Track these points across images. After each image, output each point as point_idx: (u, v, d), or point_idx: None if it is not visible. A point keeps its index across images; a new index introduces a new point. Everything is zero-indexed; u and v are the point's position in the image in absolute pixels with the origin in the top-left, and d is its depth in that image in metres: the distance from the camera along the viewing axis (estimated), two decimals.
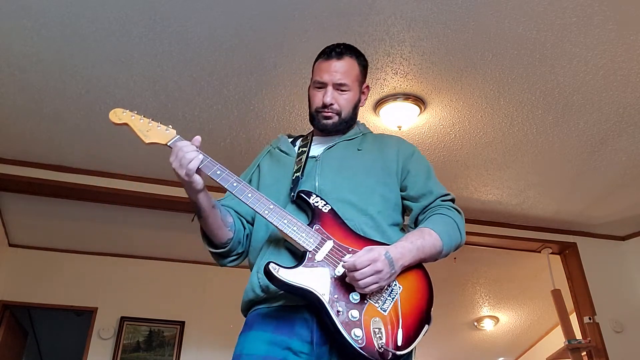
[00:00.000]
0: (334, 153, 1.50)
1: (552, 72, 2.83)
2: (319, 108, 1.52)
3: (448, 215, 1.44)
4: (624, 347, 4.08)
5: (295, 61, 2.76)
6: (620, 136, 3.32)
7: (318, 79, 1.53)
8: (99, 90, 2.94)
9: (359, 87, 1.58)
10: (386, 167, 1.49)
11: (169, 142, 1.41)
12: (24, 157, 3.53)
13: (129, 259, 4.94)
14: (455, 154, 3.50)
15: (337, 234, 1.29)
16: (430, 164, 1.59)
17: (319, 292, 1.19)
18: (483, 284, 5.42)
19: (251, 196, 1.30)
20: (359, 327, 1.17)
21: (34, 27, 2.53)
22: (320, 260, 1.24)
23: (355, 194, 1.40)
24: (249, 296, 1.34)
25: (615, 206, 4.17)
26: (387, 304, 1.22)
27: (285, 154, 1.54)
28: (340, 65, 1.54)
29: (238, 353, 1.26)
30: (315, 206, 1.34)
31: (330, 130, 1.53)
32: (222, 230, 1.39)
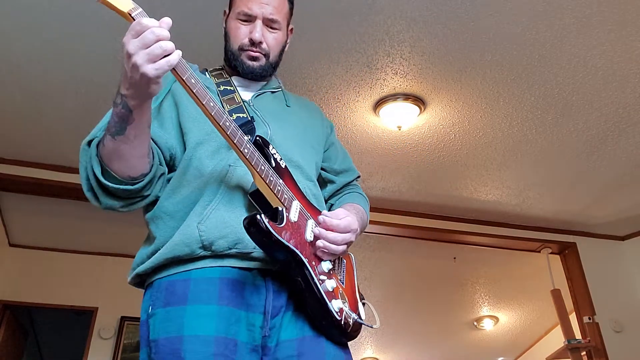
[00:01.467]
0: (265, 103, 1.29)
1: (551, 72, 2.83)
2: (245, 45, 1.26)
3: (364, 196, 1.41)
4: (624, 347, 4.09)
5: (295, 61, 2.77)
6: (620, 136, 3.33)
7: (245, 10, 1.26)
8: (99, 90, 2.94)
9: (287, 27, 1.37)
10: (316, 134, 1.36)
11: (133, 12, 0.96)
12: (24, 157, 3.53)
13: (129, 259, 4.89)
14: (455, 154, 3.51)
15: (297, 195, 1.12)
16: None
17: (304, 258, 1.01)
18: (483, 283, 5.42)
19: (229, 125, 1.01)
20: (337, 299, 1.07)
21: (34, 27, 2.54)
22: (295, 220, 1.05)
23: (300, 155, 1.24)
24: (175, 252, 1.04)
25: (615, 206, 4.18)
26: (342, 276, 1.15)
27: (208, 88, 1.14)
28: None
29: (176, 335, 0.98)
30: (275, 159, 1.11)
31: (256, 75, 1.28)
32: (142, 160, 1.04)
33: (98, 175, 1.04)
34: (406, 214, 4.13)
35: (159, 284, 1.07)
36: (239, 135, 1.02)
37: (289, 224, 1.03)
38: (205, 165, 1.12)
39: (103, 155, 1.03)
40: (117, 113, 0.99)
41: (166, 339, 0.99)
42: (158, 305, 1.04)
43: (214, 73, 1.32)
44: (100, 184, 1.05)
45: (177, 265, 1.06)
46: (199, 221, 1.05)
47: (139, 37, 0.89)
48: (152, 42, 0.89)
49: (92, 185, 1.07)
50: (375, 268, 4.89)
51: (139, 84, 0.92)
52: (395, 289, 5.32)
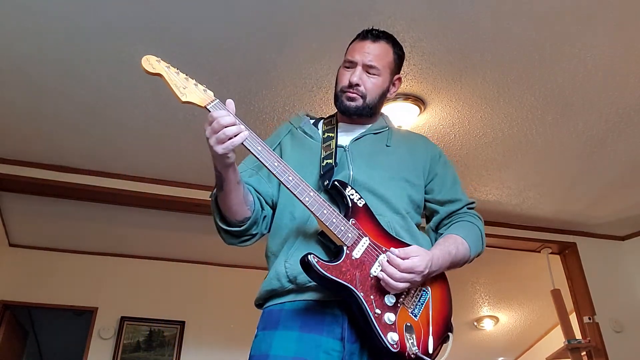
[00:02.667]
0: (362, 146, 1.44)
1: (551, 72, 2.83)
2: (345, 87, 1.44)
3: (475, 224, 1.43)
4: (624, 347, 4.09)
5: (295, 61, 2.77)
6: (620, 137, 3.33)
7: (349, 58, 1.47)
8: (99, 90, 2.94)
9: (389, 75, 1.49)
10: (415, 168, 1.45)
11: (209, 105, 1.22)
12: (24, 157, 3.53)
13: (129, 259, 4.94)
14: (455, 154, 3.51)
15: (371, 231, 1.24)
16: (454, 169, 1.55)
17: (358, 292, 1.15)
18: (483, 283, 5.43)
19: (292, 179, 1.21)
20: (395, 331, 1.15)
21: (34, 27, 2.53)
22: (358, 257, 1.19)
23: (388, 190, 1.35)
24: (272, 286, 1.27)
25: (614, 206, 4.18)
26: (418, 309, 1.22)
27: (310, 137, 1.46)
28: (374, 48, 1.46)
29: (265, 353, 1.19)
30: (351, 199, 1.27)
31: (351, 114, 1.44)
32: (241, 208, 1.30)
33: (218, 220, 1.33)
34: None
35: (264, 312, 1.30)
36: (301, 187, 1.21)
37: (348, 261, 1.17)
38: (296, 210, 1.33)
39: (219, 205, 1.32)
40: (215, 175, 1.27)
41: (258, 356, 1.21)
42: (260, 328, 1.27)
43: (326, 121, 1.53)
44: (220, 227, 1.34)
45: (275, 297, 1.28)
46: (286, 259, 1.26)
47: (210, 126, 1.17)
48: (218, 129, 1.16)
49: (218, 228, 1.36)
50: None
51: (216, 158, 1.21)
52: None
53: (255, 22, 2.53)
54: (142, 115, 3.14)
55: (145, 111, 3.11)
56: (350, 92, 1.43)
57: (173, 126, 3.23)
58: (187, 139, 3.35)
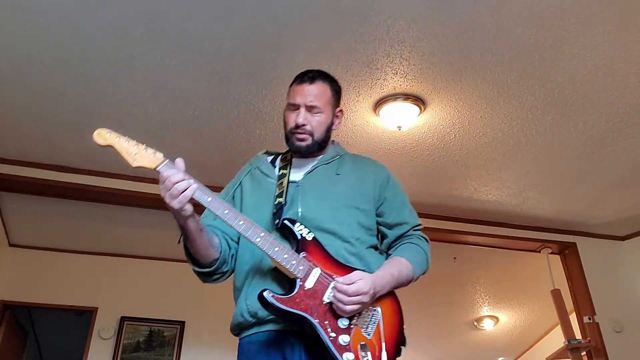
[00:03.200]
0: (314, 178, 1.54)
1: (551, 72, 2.83)
2: (293, 129, 1.55)
3: (420, 246, 1.55)
4: (624, 347, 4.09)
5: (295, 61, 2.76)
6: (620, 136, 3.33)
7: (291, 101, 1.58)
8: (99, 90, 2.95)
9: (331, 110, 1.61)
10: (364, 194, 1.55)
11: (157, 167, 1.34)
12: (24, 157, 3.53)
13: (129, 259, 4.94)
14: (455, 154, 3.51)
15: (322, 262, 1.35)
16: (404, 190, 1.65)
17: (313, 319, 1.26)
18: (483, 283, 5.43)
19: (242, 224, 1.33)
20: (350, 351, 1.25)
21: (34, 28, 2.53)
22: (311, 287, 1.30)
23: (336, 222, 1.45)
24: (238, 320, 1.41)
25: (615, 206, 4.18)
26: (370, 328, 1.31)
27: (266, 176, 1.57)
28: (312, 89, 1.58)
29: None
30: (301, 234, 1.38)
31: (303, 152, 1.56)
32: (208, 251, 1.42)
33: (192, 264, 1.45)
34: None
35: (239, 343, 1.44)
36: (251, 230, 1.32)
37: (302, 292, 1.28)
38: (252, 248, 1.40)
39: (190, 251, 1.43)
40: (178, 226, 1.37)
41: None
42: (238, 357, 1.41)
43: (283, 157, 1.64)
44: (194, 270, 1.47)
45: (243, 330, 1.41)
46: (246, 297, 1.39)
47: (163, 185, 1.29)
48: (170, 187, 1.27)
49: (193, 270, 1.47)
50: None
51: (175, 213, 1.31)
52: None
53: (255, 22, 2.53)
54: (142, 115, 3.14)
55: (145, 111, 3.11)
56: (298, 133, 1.54)
57: (173, 126, 3.23)
58: (187, 139, 3.35)
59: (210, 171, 3.66)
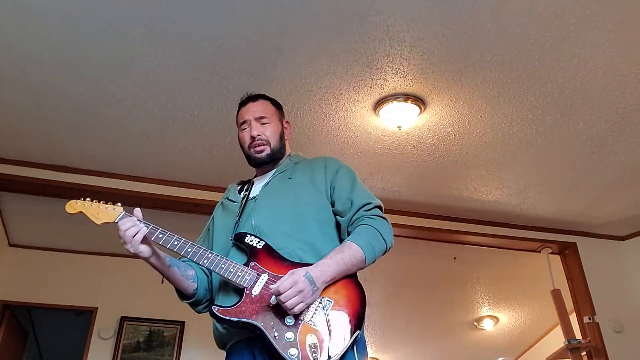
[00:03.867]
0: (270, 188, 1.64)
1: (551, 72, 2.83)
2: (250, 143, 1.67)
3: (370, 224, 1.52)
4: (624, 347, 4.08)
5: (295, 61, 2.76)
6: (620, 136, 3.33)
7: (240, 120, 1.73)
8: (99, 90, 2.94)
9: (279, 121, 1.75)
10: (316, 190, 1.61)
11: (116, 219, 1.51)
12: (24, 157, 3.53)
13: (129, 259, 4.91)
14: (455, 154, 3.50)
15: (272, 267, 1.42)
16: (355, 175, 1.67)
17: (258, 323, 1.33)
18: (483, 284, 5.42)
19: (190, 250, 1.45)
20: (294, 347, 1.29)
21: (34, 28, 2.53)
22: (257, 293, 1.38)
23: (290, 223, 1.52)
24: (216, 333, 1.52)
25: (615, 206, 4.18)
26: (317, 318, 1.34)
27: (233, 202, 1.69)
28: (257, 105, 1.73)
29: None
30: (250, 245, 1.47)
31: (266, 161, 1.68)
32: (185, 284, 1.55)
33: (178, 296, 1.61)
34: (406, 214, 4.13)
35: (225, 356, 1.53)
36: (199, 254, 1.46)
37: (248, 300, 1.37)
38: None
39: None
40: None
41: None
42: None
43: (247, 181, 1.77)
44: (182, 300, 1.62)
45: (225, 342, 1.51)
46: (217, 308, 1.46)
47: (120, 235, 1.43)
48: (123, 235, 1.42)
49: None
50: (374, 268, 4.84)
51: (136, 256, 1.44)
52: (395, 289, 5.32)
53: (255, 22, 2.53)
54: (142, 115, 3.14)
55: (145, 111, 3.11)
56: (256, 145, 1.67)
57: (173, 126, 3.23)
58: (187, 139, 3.35)
59: (211, 171, 3.66)
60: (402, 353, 6.61)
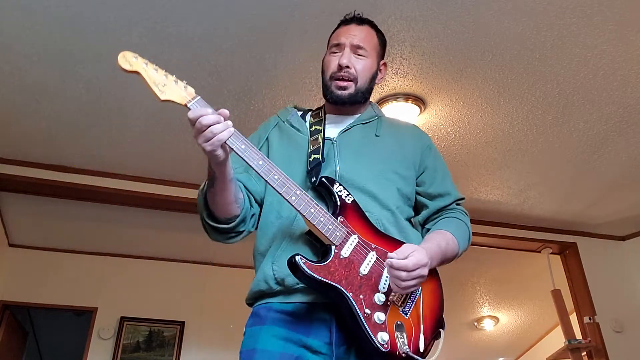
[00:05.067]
0: (351, 137, 1.39)
1: (552, 72, 2.83)
2: (334, 72, 1.40)
3: (464, 221, 1.42)
4: (624, 347, 4.08)
5: (295, 61, 2.76)
6: (621, 136, 3.32)
7: (334, 42, 1.44)
8: (99, 90, 2.94)
9: (377, 59, 1.47)
10: (405, 159, 1.40)
11: (189, 102, 1.21)
12: (24, 157, 3.52)
13: (129, 259, 4.94)
14: (455, 154, 3.50)
15: (360, 228, 1.21)
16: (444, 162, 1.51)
17: (347, 292, 1.12)
18: (483, 284, 5.42)
19: (277, 178, 1.17)
20: (385, 331, 1.12)
21: (34, 27, 2.53)
22: (347, 256, 1.16)
23: (376, 185, 1.31)
24: (260, 287, 1.24)
25: (615, 206, 4.17)
26: (408, 307, 1.19)
27: (297, 131, 1.42)
28: (360, 30, 1.45)
29: (252, 348, 1.17)
30: (339, 196, 1.23)
31: (345, 102, 1.40)
32: (232, 206, 1.27)
33: (205, 217, 1.30)
34: None
35: (252, 311, 1.28)
36: (287, 186, 1.17)
37: (336, 260, 1.14)
38: (282, 209, 1.29)
39: (208, 202, 1.28)
40: (208, 172, 1.25)
41: (246, 351, 1.19)
42: (248, 325, 1.25)
43: (314, 113, 1.50)
44: (207, 223, 1.30)
45: (264, 298, 1.25)
46: (273, 261, 1.23)
47: (194, 126, 1.15)
48: (203, 128, 1.13)
49: (204, 224, 1.33)
50: None
51: (207, 155, 1.18)
52: None
53: (255, 21, 2.53)
54: (142, 115, 3.14)
55: (145, 111, 3.11)
56: (340, 79, 1.40)
57: (173, 126, 3.23)
58: (187, 139, 3.34)
59: None
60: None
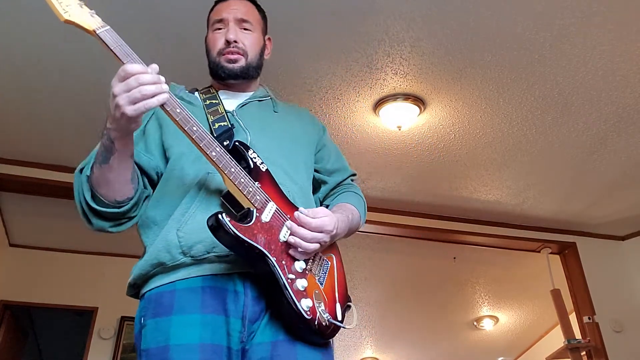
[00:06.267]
0: (249, 111, 1.32)
1: (551, 72, 2.83)
2: (222, 49, 1.31)
3: (360, 195, 1.42)
4: (624, 347, 4.09)
5: (295, 61, 2.76)
6: (620, 136, 3.33)
7: (216, 17, 1.35)
8: (99, 90, 2.94)
9: (262, 33, 1.41)
10: (307, 136, 1.39)
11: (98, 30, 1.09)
12: (24, 157, 3.52)
13: (129, 259, 4.93)
14: (455, 154, 3.51)
15: (275, 197, 1.14)
16: None
17: (271, 256, 1.04)
18: (483, 283, 5.42)
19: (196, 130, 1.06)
20: (307, 297, 1.07)
21: (34, 28, 2.53)
22: (267, 221, 1.08)
23: (286, 159, 1.26)
24: (159, 259, 1.10)
25: (615, 206, 4.18)
26: (323, 277, 1.15)
27: (189, 103, 1.30)
28: (241, 4, 1.37)
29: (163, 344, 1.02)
30: (254, 162, 1.15)
31: (237, 75, 1.31)
32: (127, 186, 1.12)
33: (88, 199, 1.12)
34: (406, 214, 4.13)
35: (148, 297, 1.12)
36: (206, 139, 1.05)
37: (259, 224, 1.06)
38: (187, 173, 1.17)
39: (92, 181, 1.10)
40: (102, 144, 1.07)
41: (156, 348, 1.04)
42: (148, 316, 1.09)
43: (203, 91, 1.37)
44: (90, 207, 1.13)
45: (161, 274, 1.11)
46: (178, 227, 1.10)
47: (123, 82, 1.01)
48: (133, 87, 0.99)
49: (84, 209, 1.15)
50: (375, 268, 4.89)
51: (120, 121, 1.02)
52: (395, 289, 5.32)
53: None
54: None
55: None
56: (231, 52, 1.31)
57: None
58: None
59: None
60: (402, 353, 6.61)
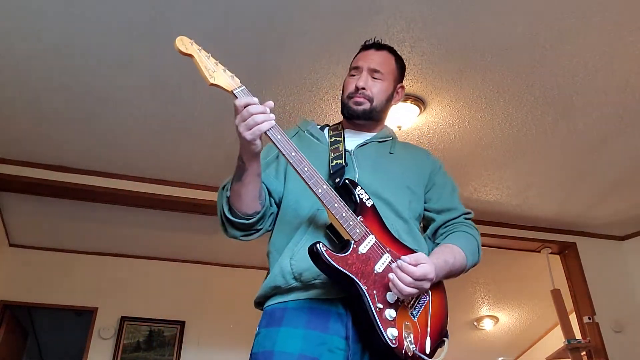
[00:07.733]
0: (367, 151, 1.48)
1: (551, 72, 2.83)
2: (351, 93, 1.50)
3: (472, 234, 1.45)
4: (624, 347, 4.09)
5: (295, 61, 2.77)
6: (620, 137, 3.33)
7: (354, 65, 1.54)
8: (99, 90, 2.94)
9: (393, 82, 1.56)
10: (416, 176, 1.49)
11: (235, 90, 1.34)
12: (24, 157, 3.53)
13: (129, 259, 4.94)
14: (455, 154, 3.51)
15: (376, 231, 1.26)
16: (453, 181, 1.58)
17: (362, 284, 1.16)
18: (483, 283, 5.43)
19: (307, 170, 1.23)
20: (394, 327, 1.16)
21: (34, 28, 2.53)
22: (364, 252, 1.20)
23: (392, 195, 1.39)
24: (276, 282, 1.27)
25: (615, 206, 4.18)
26: (417, 310, 1.24)
27: (317, 140, 1.50)
28: (377, 55, 1.54)
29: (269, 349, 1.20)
30: (360, 198, 1.29)
31: (359, 116, 1.49)
32: (255, 202, 1.32)
33: (225, 211, 1.34)
34: None
35: (266, 311, 1.30)
36: (315, 178, 1.23)
37: (354, 255, 1.19)
38: (301, 208, 1.36)
39: (230, 196, 1.33)
40: (237, 165, 1.29)
41: (262, 352, 1.21)
42: (262, 326, 1.27)
43: (332, 127, 1.57)
44: (227, 217, 1.34)
45: (277, 295, 1.28)
46: (291, 256, 1.27)
47: (240, 114, 1.24)
48: (247, 117, 1.22)
49: (222, 219, 1.36)
50: None
51: (244, 145, 1.24)
52: None
53: (256, 22, 2.53)
54: (142, 115, 3.14)
55: (145, 111, 3.11)
56: (358, 97, 1.48)
57: (173, 126, 3.23)
58: (187, 139, 3.35)
59: (211, 171, 3.66)
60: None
